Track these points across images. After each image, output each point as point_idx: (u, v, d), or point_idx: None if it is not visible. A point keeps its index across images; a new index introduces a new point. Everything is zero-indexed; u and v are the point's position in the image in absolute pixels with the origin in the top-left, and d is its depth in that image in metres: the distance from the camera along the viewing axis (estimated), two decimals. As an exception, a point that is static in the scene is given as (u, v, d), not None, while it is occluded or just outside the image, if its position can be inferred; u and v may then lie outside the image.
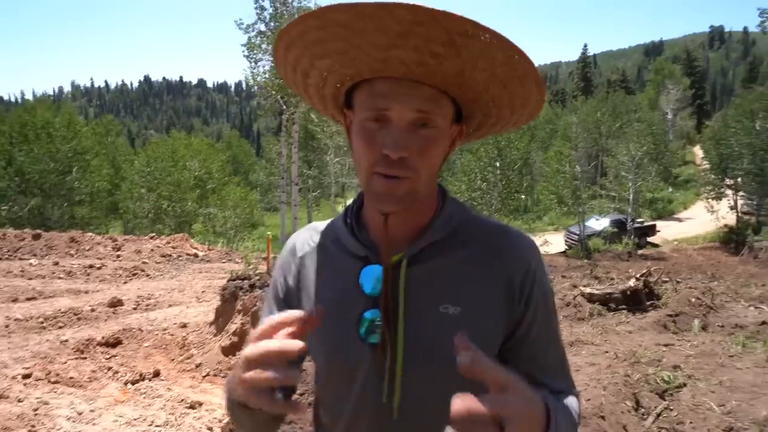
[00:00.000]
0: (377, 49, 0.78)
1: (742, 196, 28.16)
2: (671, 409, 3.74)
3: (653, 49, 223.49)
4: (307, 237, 1.07)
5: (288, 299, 1.05)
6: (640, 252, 22.33)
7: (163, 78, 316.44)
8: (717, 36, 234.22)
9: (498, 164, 22.27)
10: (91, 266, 11.76)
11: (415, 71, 0.81)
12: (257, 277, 7.97)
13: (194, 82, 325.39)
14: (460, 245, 0.95)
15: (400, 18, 0.73)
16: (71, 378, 6.12)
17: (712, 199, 27.70)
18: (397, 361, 0.91)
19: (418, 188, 0.87)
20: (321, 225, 1.08)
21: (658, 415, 3.67)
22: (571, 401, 0.96)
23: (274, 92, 18.34)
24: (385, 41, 0.77)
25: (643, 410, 3.75)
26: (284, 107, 18.91)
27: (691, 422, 3.45)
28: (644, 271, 9.04)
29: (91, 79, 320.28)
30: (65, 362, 6.48)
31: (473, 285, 0.93)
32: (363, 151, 0.86)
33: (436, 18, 0.72)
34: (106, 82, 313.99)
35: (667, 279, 10.45)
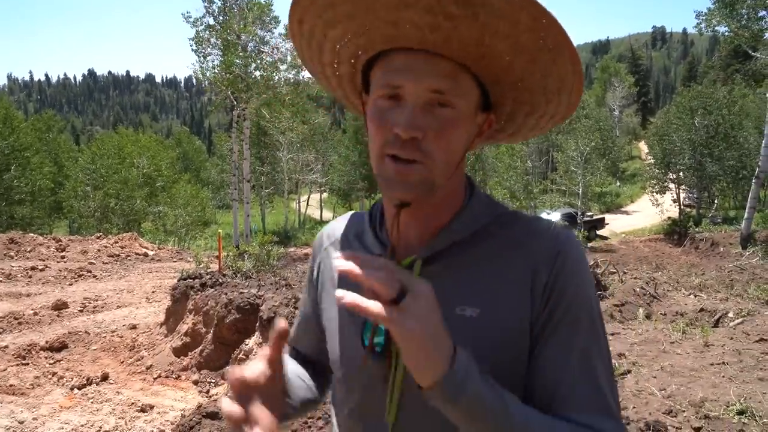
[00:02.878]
0: (387, 9, 0.71)
1: (684, 189, 29.40)
2: (616, 395, 3.88)
3: (600, 48, 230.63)
4: (336, 227, 1.03)
5: (312, 288, 1.04)
6: (590, 244, 23.03)
7: (109, 72, 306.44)
8: (659, 36, 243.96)
9: (451, 160, 22.54)
10: (33, 268, 11.28)
11: (429, 38, 0.72)
12: (208, 276, 7.83)
13: (142, 76, 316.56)
14: (482, 242, 0.84)
15: None
16: (11, 386, 5.87)
17: (657, 192, 28.78)
18: (396, 374, 0.81)
19: (433, 176, 0.77)
20: (352, 216, 1.03)
21: (604, 401, 3.79)
22: None
23: (224, 87, 17.97)
24: (395, 0, 0.70)
25: (590, 397, 3.87)
26: (235, 103, 18.57)
27: (634, 407, 3.58)
28: (591, 263, 9.33)
29: (30, 72, 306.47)
30: (5, 369, 6.20)
31: (495, 284, 0.81)
32: (374, 132, 0.78)
33: None
34: (47, 75, 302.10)
35: (614, 270, 10.82)
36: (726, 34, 17.52)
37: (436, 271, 0.83)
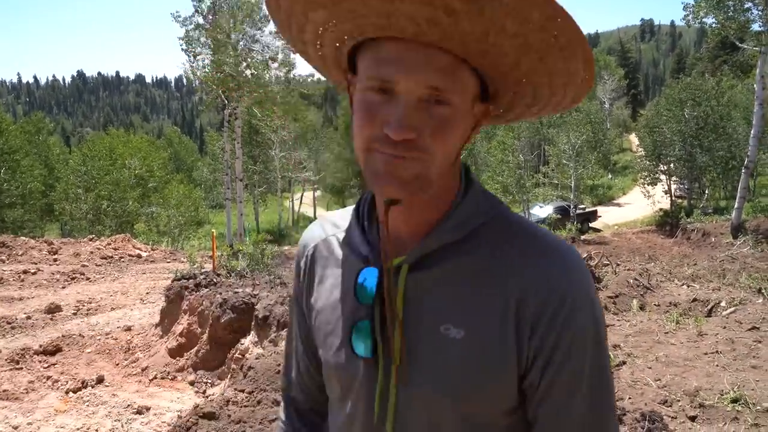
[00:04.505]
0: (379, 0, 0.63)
1: (675, 181, 29.54)
2: (612, 387, 3.90)
3: (590, 41, 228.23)
4: (318, 228, 0.96)
5: (299, 297, 0.97)
6: (583, 237, 23.11)
7: (99, 73, 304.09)
8: (647, 28, 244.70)
9: (444, 155, 22.56)
10: (25, 272, 11.19)
11: (427, 32, 0.64)
12: (203, 276, 7.80)
13: (132, 77, 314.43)
14: (474, 250, 0.78)
15: None
16: (5, 390, 5.83)
17: (648, 184, 28.88)
18: (390, 381, 0.79)
19: (429, 173, 0.71)
20: (337, 214, 0.95)
21: (600, 392, 3.81)
22: None
23: (215, 87, 17.89)
24: None
25: (585, 389, 3.89)
26: (226, 102, 18.50)
27: (629, 398, 3.60)
28: (584, 256, 9.37)
29: (18, 74, 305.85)
30: (-1, 374, 6.16)
31: (481, 304, 0.75)
32: (361, 126, 0.71)
33: None
34: (35, 77, 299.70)
35: (608, 262, 10.87)
36: (713, 25, 17.59)
37: (422, 281, 0.78)
